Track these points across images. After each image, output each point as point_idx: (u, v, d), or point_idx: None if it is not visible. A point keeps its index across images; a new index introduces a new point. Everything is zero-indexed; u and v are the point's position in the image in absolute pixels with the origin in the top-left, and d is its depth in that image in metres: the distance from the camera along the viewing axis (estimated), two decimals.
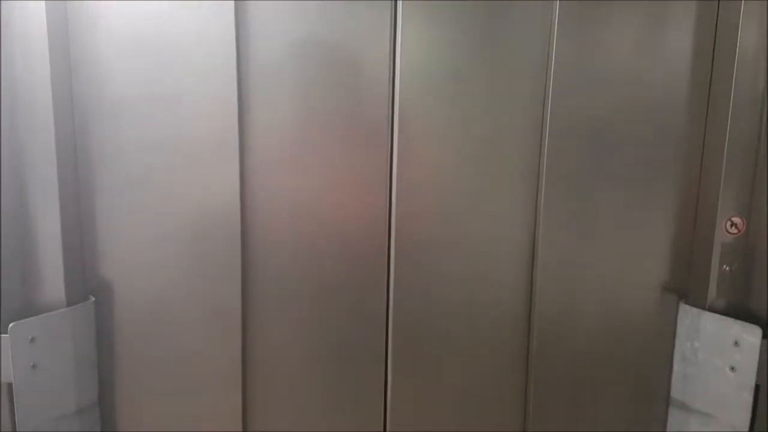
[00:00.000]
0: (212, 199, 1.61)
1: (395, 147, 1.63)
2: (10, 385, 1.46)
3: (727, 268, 1.64)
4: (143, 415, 1.70)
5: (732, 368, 1.60)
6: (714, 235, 1.64)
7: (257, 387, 1.74)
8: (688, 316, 1.70)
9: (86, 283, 1.60)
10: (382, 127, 1.62)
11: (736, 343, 1.60)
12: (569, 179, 1.67)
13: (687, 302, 1.71)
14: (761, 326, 1.55)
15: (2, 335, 1.43)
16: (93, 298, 1.60)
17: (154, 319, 1.65)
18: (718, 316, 1.63)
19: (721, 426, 1.64)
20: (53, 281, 1.52)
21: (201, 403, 1.70)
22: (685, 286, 1.74)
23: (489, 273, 1.74)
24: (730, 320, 1.61)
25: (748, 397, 1.58)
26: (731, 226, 1.63)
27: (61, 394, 1.54)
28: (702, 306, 1.67)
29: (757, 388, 1.58)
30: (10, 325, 1.43)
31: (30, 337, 1.46)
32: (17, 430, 1.47)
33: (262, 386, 1.74)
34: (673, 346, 1.76)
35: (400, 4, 1.57)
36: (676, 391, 1.75)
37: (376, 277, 1.71)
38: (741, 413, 1.59)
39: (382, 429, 1.79)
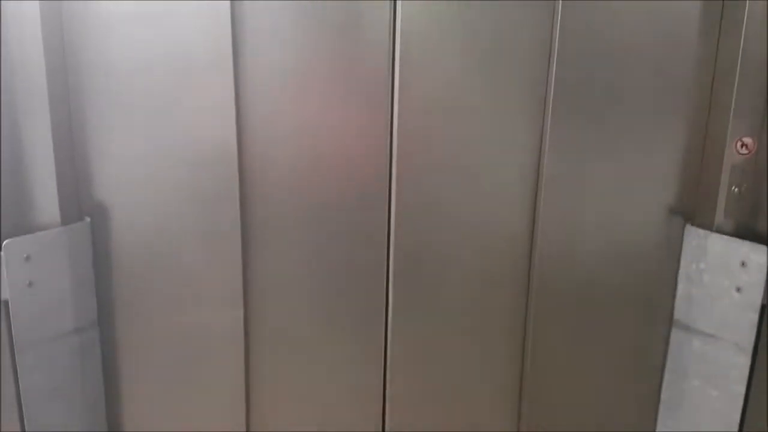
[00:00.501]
0: (208, 121, 1.57)
1: (396, 68, 1.57)
2: (7, 303, 1.45)
3: (736, 189, 1.60)
4: (143, 333, 1.69)
5: (738, 289, 1.58)
6: (724, 155, 1.59)
7: (258, 305, 1.73)
8: (694, 237, 1.67)
9: (81, 204, 1.58)
10: (384, 48, 1.56)
11: (743, 264, 1.57)
12: (577, 100, 1.62)
13: (694, 224, 1.68)
14: None
15: None
16: (88, 219, 1.57)
17: (152, 240, 1.63)
18: (725, 237, 1.60)
19: (724, 346, 1.63)
20: (47, 201, 1.50)
21: (202, 322, 1.70)
22: (692, 208, 1.71)
23: (492, 196, 1.71)
24: (737, 241, 1.58)
25: (753, 317, 1.56)
26: (742, 146, 1.58)
27: (59, 313, 1.53)
28: (709, 227, 1.64)
29: (762, 308, 1.55)
30: (5, 242, 1.41)
31: (25, 255, 1.44)
32: (15, 347, 1.46)
33: (263, 304, 1.73)
34: (677, 268, 1.73)
35: None
36: (680, 312, 1.74)
37: (377, 200, 1.68)
38: (746, 333, 1.58)
39: (382, 347, 1.78)
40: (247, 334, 1.73)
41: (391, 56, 1.57)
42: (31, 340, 1.49)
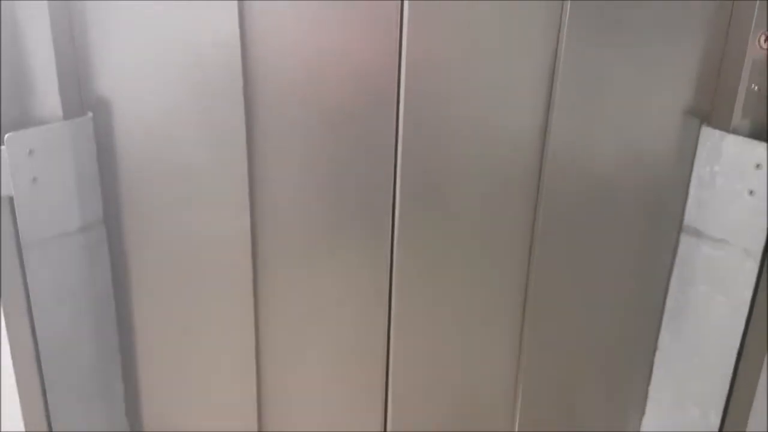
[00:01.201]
0: (210, 17, 1.50)
1: None
2: (11, 199, 1.43)
3: (756, 87, 1.56)
4: (150, 232, 1.68)
5: (751, 192, 1.56)
6: (746, 50, 1.54)
7: (265, 213, 1.71)
8: (709, 138, 1.64)
9: (83, 99, 1.54)
10: None
11: (757, 166, 1.54)
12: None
13: (710, 125, 1.64)
14: None
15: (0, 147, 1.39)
16: (91, 114, 1.53)
17: (156, 137, 1.60)
18: (741, 138, 1.57)
19: (733, 251, 1.62)
20: (48, 94, 1.45)
21: (208, 227, 1.69)
22: (708, 109, 1.66)
23: (503, 101, 1.65)
24: (754, 142, 1.55)
25: (764, 222, 1.54)
26: (765, 40, 1.53)
27: (64, 210, 1.52)
28: (725, 128, 1.60)
29: None
30: (7, 135, 1.38)
31: (28, 150, 1.41)
32: (21, 245, 1.44)
33: (269, 213, 1.71)
34: (690, 171, 1.70)
35: None
36: (690, 217, 1.72)
37: (385, 109, 1.63)
38: (756, 237, 1.56)
39: (389, 255, 1.78)
40: (254, 242, 1.72)
41: None
42: (37, 238, 1.47)
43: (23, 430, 1.61)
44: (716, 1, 1.58)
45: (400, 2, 1.53)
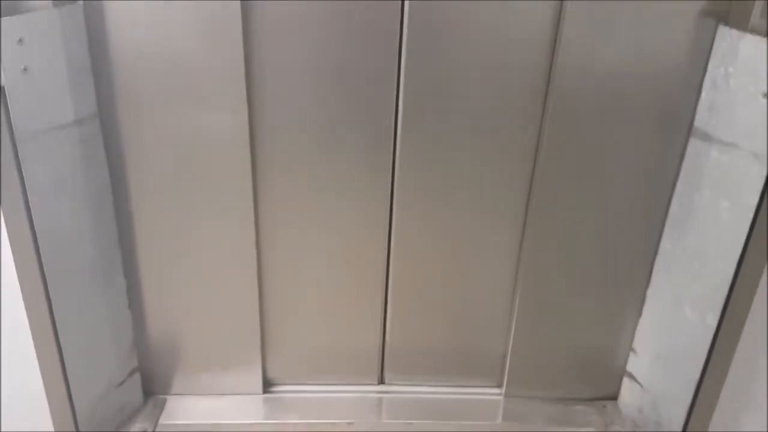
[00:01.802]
0: None
1: None
2: (2, 90, 1.39)
3: None
4: (146, 127, 1.65)
5: (765, 95, 1.50)
6: None
7: (264, 109, 1.69)
8: (725, 39, 1.57)
9: None
10: None
11: None
12: None
13: (727, 24, 1.57)
14: None
15: None
16: (81, 1, 1.47)
17: (149, 27, 1.55)
18: (759, 37, 1.50)
19: (742, 156, 1.58)
20: None
21: (205, 122, 1.66)
22: (725, 8, 1.59)
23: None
24: None
25: None
26: None
27: (57, 102, 1.48)
28: (743, 28, 1.53)
29: None
30: None
31: (18, 38, 1.36)
32: (14, 138, 1.41)
33: (268, 108, 1.69)
34: (703, 73, 1.65)
35: None
36: (701, 120, 1.68)
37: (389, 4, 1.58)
38: (765, 142, 1.52)
39: (391, 153, 1.76)
40: (252, 137, 1.69)
41: None
42: (31, 130, 1.45)
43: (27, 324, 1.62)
44: None
45: None
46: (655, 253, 1.88)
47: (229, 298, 1.90)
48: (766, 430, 1.89)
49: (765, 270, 1.63)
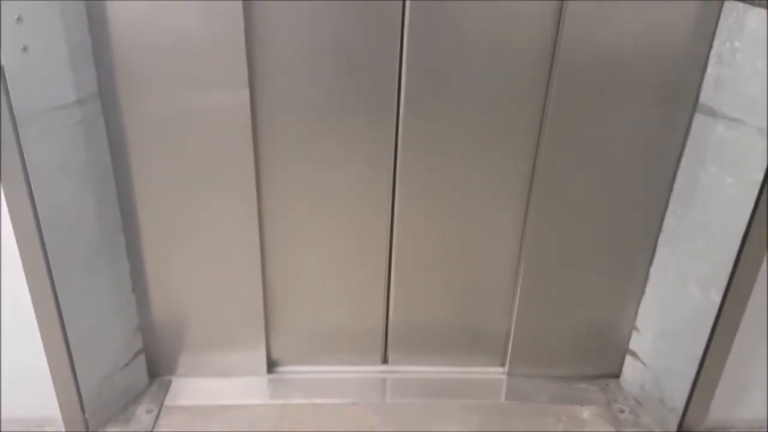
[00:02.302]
0: None
1: None
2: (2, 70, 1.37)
3: None
4: (147, 106, 1.64)
5: None
6: None
7: (265, 86, 1.67)
8: (732, 12, 1.56)
9: None
10: None
11: None
12: None
13: None
14: None
15: None
16: None
17: (150, 5, 1.53)
18: (765, 11, 1.49)
19: (747, 131, 1.57)
20: None
21: (207, 100, 1.65)
22: None
23: None
24: None
25: None
26: None
27: (58, 81, 1.47)
28: (750, 0, 1.52)
29: None
30: None
31: (16, 16, 1.34)
32: (16, 118, 1.40)
33: (270, 85, 1.68)
34: (709, 48, 1.64)
35: None
36: (706, 96, 1.67)
37: None
38: None
39: (394, 131, 1.75)
40: (254, 115, 1.68)
41: None
42: (32, 110, 1.43)
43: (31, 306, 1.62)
44: None
45: None
46: (659, 229, 1.87)
47: (232, 279, 1.89)
48: (767, 405, 1.90)
49: None
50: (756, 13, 1.49)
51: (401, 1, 1.58)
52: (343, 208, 1.86)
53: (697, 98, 1.69)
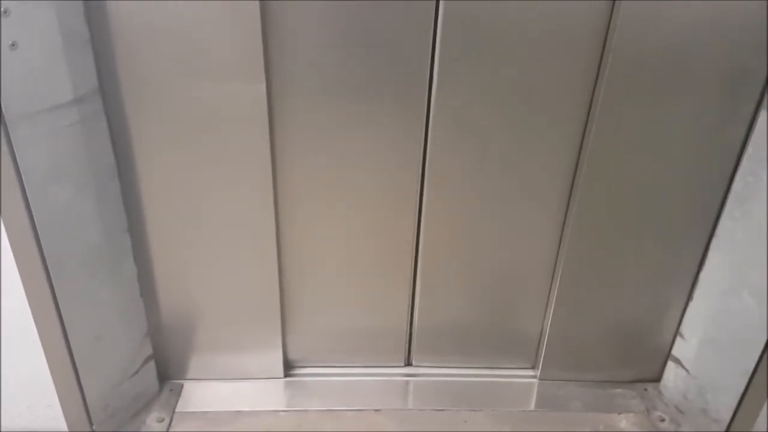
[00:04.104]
0: None
1: None
2: None
3: None
4: (153, 102, 1.49)
5: None
6: None
7: (283, 78, 1.52)
8: None
9: None
10: None
11: None
12: None
13: None
14: None
15: None
16: None
17: None
18: None
19: None
20: None
21: (219, 95, 1.50)
22: None
23: None
24: None
25: None
26: None
27: (53, 80, 1.31)
28: None
29: None
30: None
31: (3, 9, 1.18)
32: (6, 121, 1.25)
33: (288, 77, 1.52)
34: None
35: None
36: None
37: None
38: None
39: (423, 135, 1.60)
40: (270, 108, 1.53)
41: None
42: (23, 112, 1.28)
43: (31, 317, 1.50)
44: None
45: None
46: (713, 233, 1.73)
47: (246, 277, 1.77)
48: None
49: None
50: None
51: None
52: (366, 202, 1.72)
53: (763, 92, 1.52)
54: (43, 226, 1.40)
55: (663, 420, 1.89)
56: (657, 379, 2.01)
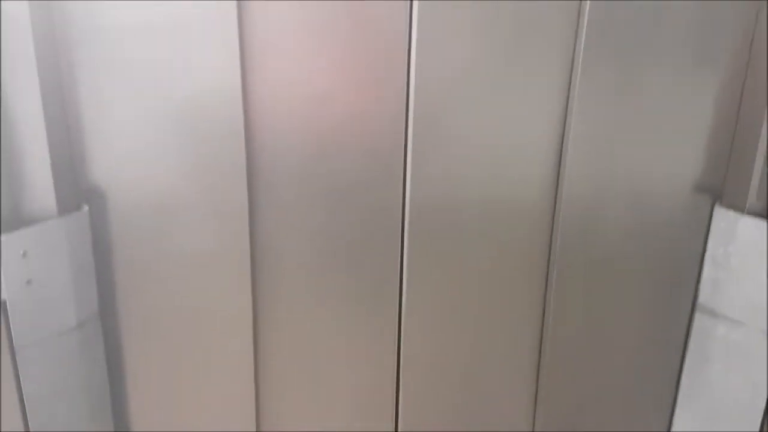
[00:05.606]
0: (211, 93, 1.45)
1: (414, 37, 1.45)
2: (4, 303, 1.36)
3: None
4: (146, 324, 1.62)
5: None
6: (761, 126, 1.49)
7: (267, 289, 1.65)
8: (723, 219, 1.60)
9: (78, 190, 1.47)
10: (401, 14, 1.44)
11: None
12: (610, 51, 1.50)
13: (723, 204, 1.60)
14: None
15: None
16: (86, 207, 1.47)
17: (153, 224, 1.53)
18: (757, 220, 1.52)
19: (751, 332, 1.58)
20: (42, 189, 1.39)
21: (208, 308, 1.63)
22: (721, 186, 1.62)
23: (513, 167, 1.60)
24: None
25: None
26: None
27: (60, 309, 1.45)
28: (740, 209, 1.56)
29: None
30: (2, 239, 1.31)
31: (22, 252, 1.35)
32: (14, 347, 1.38)
33: (272, 288, 1.65)
34: (704, 249, 1.66)
35: None
36: (705, 296, 1.68)
37: (391, 173, 1.58)
38: None
39: (396, 324, 1.72)
40: (255, 320, 1.66)
41: (408, 30, 1.45)
42: (31, 339, 1.41)
43: None
44: (730, 69, 1.55)
45: (406, 83, 1.49)
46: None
47: None
48: None
49: None
50: (747, 222, 1.53)
51: (402, 174, 1.58)
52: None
53: (695, 296, 1.70)
54: None
55: None
56: None
